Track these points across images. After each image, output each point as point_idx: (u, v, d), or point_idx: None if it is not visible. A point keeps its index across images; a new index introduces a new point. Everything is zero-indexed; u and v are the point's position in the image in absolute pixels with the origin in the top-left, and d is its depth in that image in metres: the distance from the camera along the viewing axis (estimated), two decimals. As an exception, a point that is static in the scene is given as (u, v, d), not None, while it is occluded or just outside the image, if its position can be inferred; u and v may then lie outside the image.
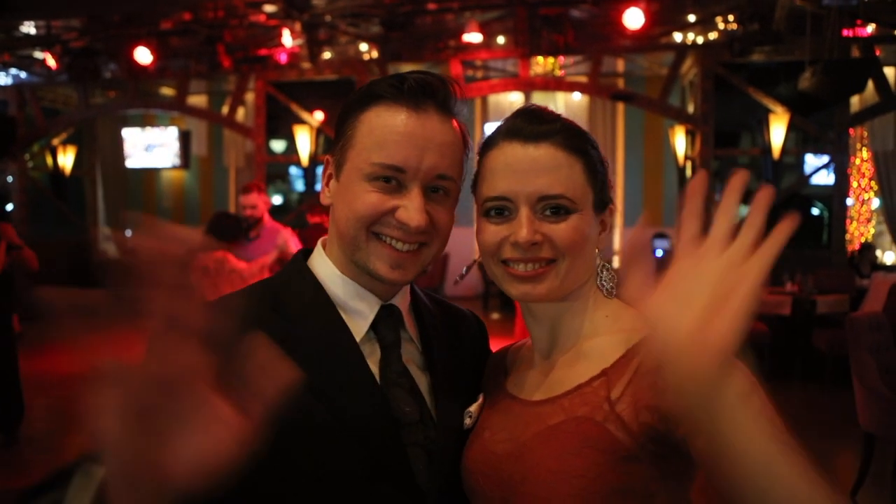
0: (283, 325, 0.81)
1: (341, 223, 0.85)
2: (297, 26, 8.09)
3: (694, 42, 7.96)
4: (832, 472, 4.21)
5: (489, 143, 0.93)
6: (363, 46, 8.87)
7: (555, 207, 0.86)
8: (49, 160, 11.16)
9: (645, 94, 8.57)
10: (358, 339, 0.86)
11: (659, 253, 11.16)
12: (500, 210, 0.87)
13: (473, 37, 7.93)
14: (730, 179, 0.64)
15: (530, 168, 0.85)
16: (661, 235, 11.29)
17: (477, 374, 1.02)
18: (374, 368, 0.86)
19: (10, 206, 10.82)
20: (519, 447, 0.86)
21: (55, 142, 10.98)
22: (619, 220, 11.63)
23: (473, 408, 0.96)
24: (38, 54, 9.50)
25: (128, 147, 11.90)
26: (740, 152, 10.93)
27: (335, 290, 0.88)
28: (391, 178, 0.83)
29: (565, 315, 0.92)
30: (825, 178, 8.90)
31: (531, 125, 0.88)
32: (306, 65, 8.60)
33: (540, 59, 8.87)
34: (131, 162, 11.97)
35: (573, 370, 0.87)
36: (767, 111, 7.69)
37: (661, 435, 0.77)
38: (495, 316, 10.44)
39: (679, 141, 8.67)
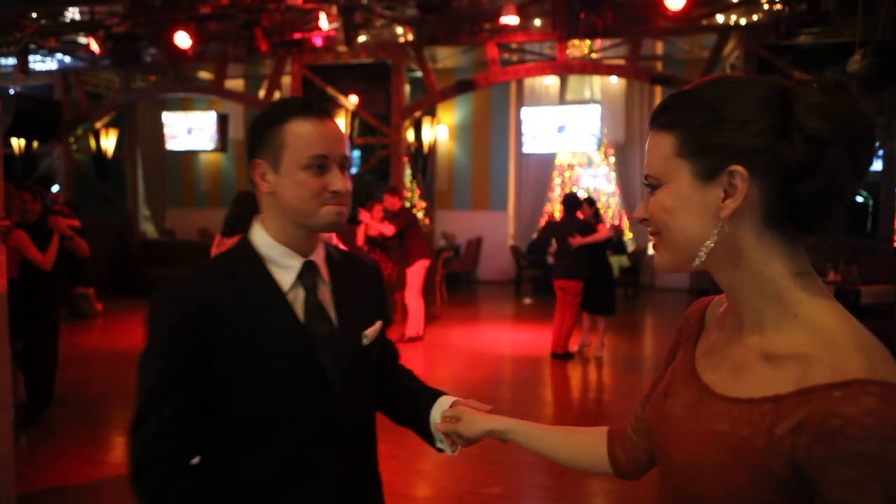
0: (238, 284, 1.21)
1: (293, 201, 1.21)
2: (334, 9, 8.12)
3: (737, 23, 7.75)
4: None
5: None
6: (399, 30, 8.85)
7: (650, 185, 0.90)
8: (92, 143, 11.44)
9: (685, 78, 8.38)
10: (287, 286, 1.24)
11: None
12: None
13: (510, 19, 7.85)
14: None
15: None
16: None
17: (374, 306, 1.40)
18: (300, 305, 1.25)
19: (55, 188, 11.16)
20: (685, 434, 0.86)
21: (98, 125, 11.24)
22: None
23: (369, 331, 1.32)
24: (83, 39, 9.72)
25: (167, 130, 12.14)
26: (783, 137, 10.65)
27: (271, 254, 1.25)
28: (322, 165, 1.20)
29: (736, 292, 0.87)
30: (872, 166, 8.62)
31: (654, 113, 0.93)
32: (342, 48, 8.63)
33: (577, 41, 8.74)
34: (171, 145, 12.21)
35: (750, 372, 0.83)
36: (813, 95, 7.46)
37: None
38: (527, 301, 10.41)
39: (719, 125, 8.50)
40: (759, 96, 0.80)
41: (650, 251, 11.53)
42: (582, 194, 11.89)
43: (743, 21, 7.69)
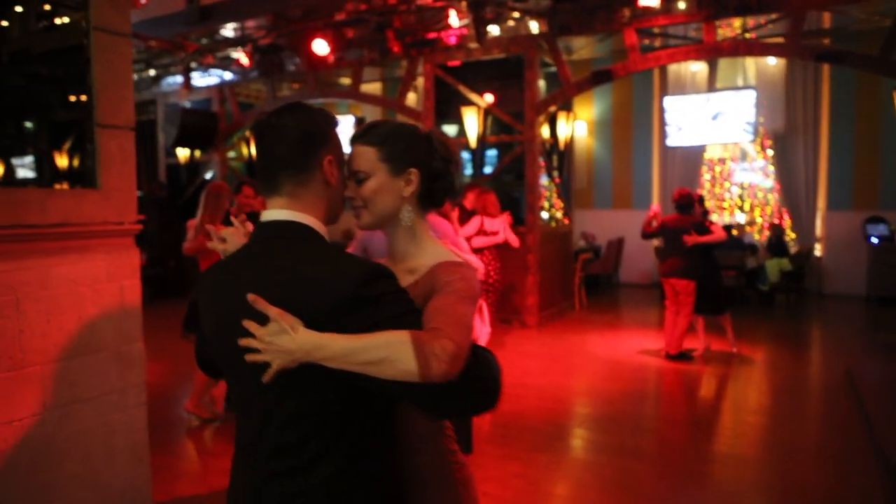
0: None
1: (339, 197, 1.49)
2: (464, 6, 7.97)
3: (928, -15, 6.61)
4: None
5: None
6: (532, 23, 8.53)
7: (357, 179, 1.53)
8: (245, 150, 12.20)
9: (860, 52, 7.31)
10: None
11: (874, 240, 9.54)
12: None
13: (651, 1, 7.26)
14: None
15: None
16: (875, 220, 9.66)
17: None
18: None
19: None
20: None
21: (249, 133, 11.99)
22: (822, 203, 10.20)
23: None
24: (234, 54, 10.38)
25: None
26: None
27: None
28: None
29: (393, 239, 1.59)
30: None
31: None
32: (473, 45, 8.47)
33: (727, 20, 7.94)
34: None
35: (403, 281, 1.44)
36: None
37: None
38: (673, 306, 9.66)
39: (905, 106, 7.32)
40: (416, 133, 1.50)
41: (817, 252, 10.26)
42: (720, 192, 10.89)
43: (936, -19, 6.54)
